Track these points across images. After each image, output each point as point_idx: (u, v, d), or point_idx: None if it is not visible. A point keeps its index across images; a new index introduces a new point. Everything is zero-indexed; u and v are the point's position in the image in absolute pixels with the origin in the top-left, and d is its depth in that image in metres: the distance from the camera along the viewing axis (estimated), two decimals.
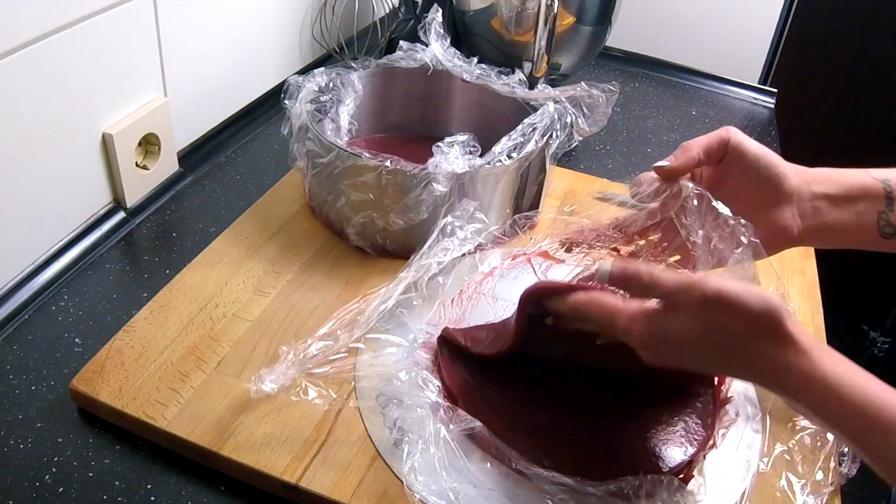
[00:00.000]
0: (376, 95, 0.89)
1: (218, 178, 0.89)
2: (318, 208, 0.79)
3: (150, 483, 0.55)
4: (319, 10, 1.08)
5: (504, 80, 0.86)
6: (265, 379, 0.59)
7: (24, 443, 0.57)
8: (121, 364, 0.61)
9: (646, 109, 1.18)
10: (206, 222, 0.81)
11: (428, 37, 0.86)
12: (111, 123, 0.76)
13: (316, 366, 0.60)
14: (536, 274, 0.71)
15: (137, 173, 0.80)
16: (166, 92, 0.83)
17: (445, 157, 0.71)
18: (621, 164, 1.02)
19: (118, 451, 0.57)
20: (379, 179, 0.70)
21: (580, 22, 1.01)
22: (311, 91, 0.80)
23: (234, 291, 0.70)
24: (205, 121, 0.93)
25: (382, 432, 0.58)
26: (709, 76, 1.30)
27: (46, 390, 0.61)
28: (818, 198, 0.58)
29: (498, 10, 1.00)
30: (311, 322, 0.67)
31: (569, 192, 0.91)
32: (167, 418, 0.57)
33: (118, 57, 0.74)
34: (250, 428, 0.57)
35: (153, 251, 0.78)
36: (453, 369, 0.62)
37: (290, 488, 0.54)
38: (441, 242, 0.66)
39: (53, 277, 0.71)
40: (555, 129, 0.77)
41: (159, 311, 0.67)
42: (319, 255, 0.75)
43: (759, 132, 1.16)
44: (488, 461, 0.56)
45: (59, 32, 0.66)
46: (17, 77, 0.63)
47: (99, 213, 0.77)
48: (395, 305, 0.65)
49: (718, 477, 0.58)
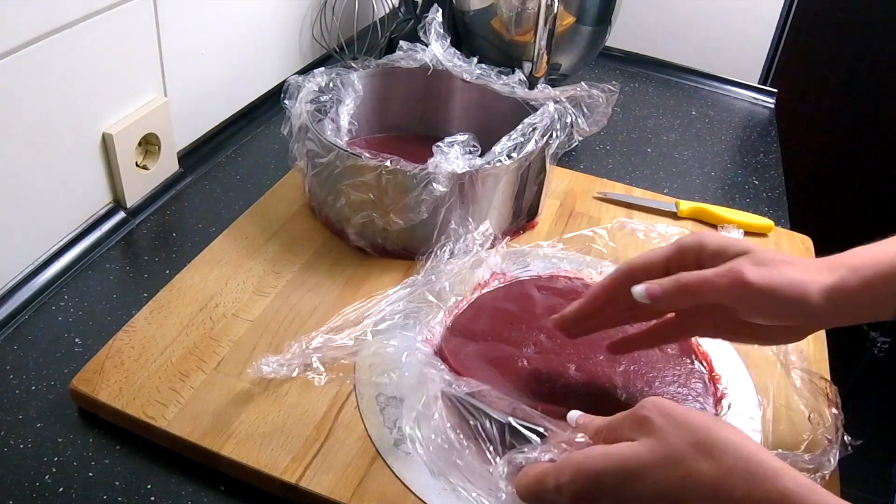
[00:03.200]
0: (376, 95, 0.89)
1: (218, 178, 0.89)
2: (318, 208, 0.79)
3: (150, 483, 0.55)
4: (319, 10, 1.08)
5: (504, 80, 0.86)
6: (266, 363, 0.59)
7: (24, 443, 0.57)
8: (121, 364, 0.61)
9: (646, 109, 1.18)
10: (206, 222, 0.81)
11: (428, 37, 0.86)
12: (111, 123, 0.76)
13: (319, 357, 0.61)
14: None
15: (137, 173, 0.81)
16: (166, 92, 0.83)
17: (445, 157, 0.71)
18: (621, 164, 1.02)
19: (118, 451, 0.57)
20: (379, 179, 0.70)
21: (580, 22, 1.01)
22: (311, 91, 0.80)
23: (234, 291, 0.70)
24: (205, 121, 0.93)
25: (382, 432, 0.58)
26: (709, 76, 1.30)
27: (46, 390, 0.61)
28: (844, 302, 0.51)
29: (498, 10, 1.00)
30: (311, 322, 0.67)
31: (569, 192, 0.91)
32: (167, 418, 0.57)
33: (118, 57, 0.74)
34: (250, 428, 0.57)
35: (153, 251, 0.78)
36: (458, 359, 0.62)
37: (290, 488, 0.54)
38: (446, 248, 0.67)
39: (53, 277, 0.71)
40: (555, 129, 0.77)
41: (159, 311, 0.67)
42: (319, 255, 0.75)
43: (759, 132, 1.17)
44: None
45: (59, 32, 0.66)
46: (17, 77, 0.63)
47: (99, 213, 0.78)
48: (399, 308, 0.65)
49: None
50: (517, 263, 0.75)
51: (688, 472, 0.41)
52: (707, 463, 0.41)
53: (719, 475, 0.41)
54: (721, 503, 0.41)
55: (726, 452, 0.41)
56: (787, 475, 0.40)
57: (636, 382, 0.63)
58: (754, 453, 0.41)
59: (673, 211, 0.90)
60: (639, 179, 0.99)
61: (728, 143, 1.13)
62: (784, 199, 0.99)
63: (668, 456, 0.42)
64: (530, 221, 0.83)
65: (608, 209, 0.89)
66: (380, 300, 0.67)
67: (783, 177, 1.04)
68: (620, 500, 0.43)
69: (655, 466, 0.42)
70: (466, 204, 0.73)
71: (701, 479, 0.41)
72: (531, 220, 0.83)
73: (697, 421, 0.43)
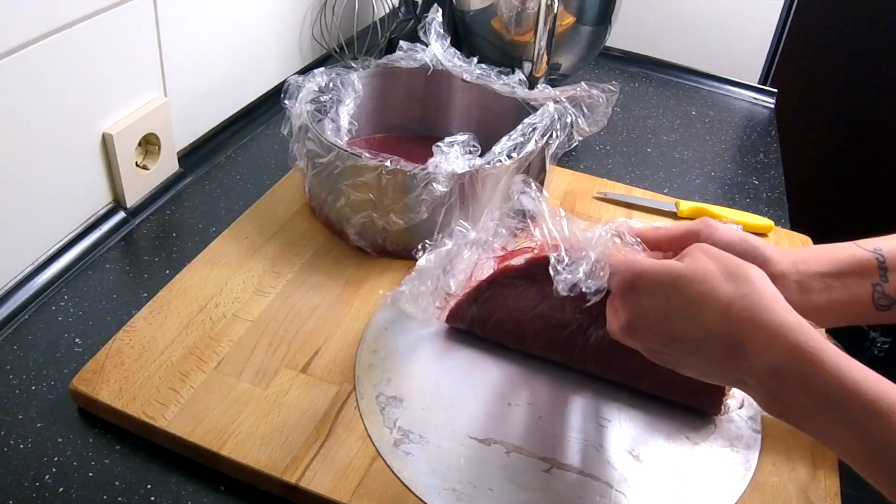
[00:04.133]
0: (376, 95, 0.89)
1: (218, 178, 0.89)
2: (318, 208, 0.79)
3: (150, 483, 0.55)
4: (319, 10, 1.08)
5: (504, 80, 0.86)
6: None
7: (24, 443, 0.57)
8: (121, 364, 0.61)
9: (646, 109, 1.18)
10: (206, 222, 0.81)
11: (428, 37, 0.86)
12: (111, 123, 0.76)
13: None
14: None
15: (137, 173, 0.81)
16: (166, 92, 0.83)
17: (445, 157, 0.71)
18: (621, 164, 1.02)
19: (118, 451, 0.57)
20: (379, 179, 0.70)
21: (580, 22, 1.01)
22: (311, 91, 0.80)
23: (234, 291, 0.70)
24: (205, 121, 0.93)
25: (382, 432, 0.58)
26: (709, 76, 1.30)
27: (46, 390, 0.61)
28: (808, 277, 0.55)
29: (498, 10, 1.00)
30: (311, 322, 0.67)
31: (569, 192, 0.91)
32: (167, 418, 0.57)
33: (118, 57, 0.74)
34: (250, 428, 0.57)
35: (153, 251, 0.78)
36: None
37: (290, 488, 0.54)
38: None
39: (53, 277, 0.71)
40: (555, 129, 0.77)
41: (159, 311, 0.67)
42: (319, 255, 0.75)
43: (759, 132, 1.17)
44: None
45: (59, 32, 0.66)
46: (18, 77, 0.63)
47: (99, 213, 0.78)
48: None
49: (718, 477, 0.58)
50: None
51: (710, 288, 0.48)
52: (729, 286, 0.48)
53: (734, 298, 0.47)
54: (730, 321, 0.47)
55: (749, 283, 0.48)
56: (790, 321, 0.46)
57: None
58: (769, 293, 0.47)
59: (673, 211, 0.90)
60: (639, 179, 0.99)
61: (728, 143, 1.13)
62: (784, 199, 0.99)
63: (700, 272, 0.49)
64: None
65: (608, 209, 0.89)
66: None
67: (783, 177, 1.04)
68: (654, 300, 0.50)
69: (687, 279, 0.49)
70: (466, 204, 0.73)
71: (718, 296, 0.47)
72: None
73: (734, 258, 0.50)
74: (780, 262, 0.55)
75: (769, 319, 0.46)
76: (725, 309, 0.47)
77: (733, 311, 0.47)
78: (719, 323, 0.47)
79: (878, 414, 0.42)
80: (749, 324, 0.46)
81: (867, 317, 0.55)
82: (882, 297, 0.54)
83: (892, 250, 0.55)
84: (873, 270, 0.54)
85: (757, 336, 0.46)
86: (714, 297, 0.47)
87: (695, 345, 0.49)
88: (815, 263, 0.56)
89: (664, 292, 0.49)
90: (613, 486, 0.56)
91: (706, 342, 0.48)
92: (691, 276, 0.49)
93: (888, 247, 0.55)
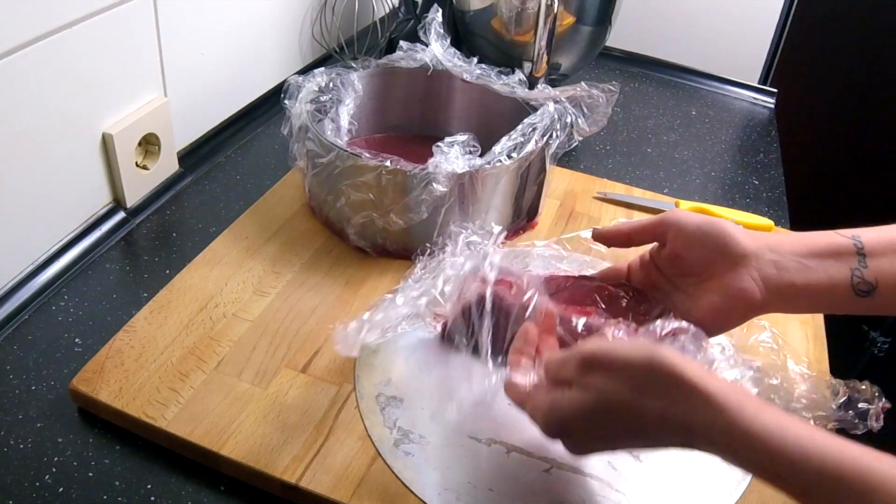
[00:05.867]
0: (376, 95, 0.89)
1: (218, 178, 0.89)
2: (318, 208, 0.79)
3: (150, 483, 0.55)
4: (319, 10, 1.08)
5: (504, 80, 0.86)
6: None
7: (24, 443, 0.57)
8: (121, 364, 0.61)
9: (646, 109, 1.18)
10: (206, 222, 0.81)
11: (428, 37, 0.86)
12: (111, 123, 0.76)
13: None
14: None
15: (137, 173, 0.81)
16: (166, 92, 0.83)
17: (445, 157, 0.71)
18: (621, 164, 1.02)
19: (118, 451, 0.57)
20: (379, 179, 0.70)
21: (580, 22, 1.01)
22: (311, 91, 0.80)
23: (234, 291, 0.70)
24: (205, 121, 0.93)
25: (382, 432, 0.58)
26: (709, 76, 1.30)
27: (46, 390, 0.61)
28: (784, 258, 0.54)
29: (498, 10, 1.00)
30: (311, 322, 0.67)
31: (569, 192, 0.91)
32: (167, 418, 0.57)
33: (118, 57, 0.74)
34: (250, 428, 0.57)
35: (153, 251, 0.78)
36: None
37: (290, 488, 0.54)
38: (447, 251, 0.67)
39: (53, 277, 0.71)
40: (555, 129, 0.77)
41: (159, 311, 0.67)
42: (319, 255, 0.75)
43: (759, 132, 1.17)
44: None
45: (59, 32, 0.66)
46: (17, 77, 0.63)
47: (99, 213, 0.78)
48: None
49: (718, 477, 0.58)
50: (516, 264, 0.75)
51: (635, 411, 0.45)
52: (649, 400, 0.45)
53: (663, 407, 0.44)
54: (672, 429, 0.44)
55: (668, 387, 0.44)
56: (723, 400, 0.43)
57: None
58: (696, 380, 0.44)
59: None
60: (639, 179, 0.99)
61: (728, 143, 1.13)
62: (784, 199, 0.99)
63: (614, 402, 0.46)
64: (530, 221, 0.83)
65: (608, 209, 0.89)
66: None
67: (783, 177, 1.04)
68: (588, 436, 0.48)
69: (607, 411, 0.46)
70: (466, 204, 0.73)
71: (648, 414, 0.45)
72: (531, 221, 0.83)
73: (635, 362, 0.45)
74: (748, 243, 0.55)
75: (707, 411, 0.43)
76: (661, 421, 0.45)
77: (669, 420, 0.44)
78: (663, 427, 0.45)
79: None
80: (688, 423, 0.44)
81: (847, 304, 0.54)
82: (861, 283, 0.53)
83: (871, 238, 0.54)
84: (851, 255, 0.54)
85: (705, 416, 0.43)
86: (645, 415, 0.45)
87: (651, 441, 0.47)
88: (791, 245, 0.55)
89: (593, 427, 0.48)
90: (613, 486, 0.56)
91: (662, 437, 0.46)
92: (605, 406, 0.46)
93: (867, 235, 0.54)
